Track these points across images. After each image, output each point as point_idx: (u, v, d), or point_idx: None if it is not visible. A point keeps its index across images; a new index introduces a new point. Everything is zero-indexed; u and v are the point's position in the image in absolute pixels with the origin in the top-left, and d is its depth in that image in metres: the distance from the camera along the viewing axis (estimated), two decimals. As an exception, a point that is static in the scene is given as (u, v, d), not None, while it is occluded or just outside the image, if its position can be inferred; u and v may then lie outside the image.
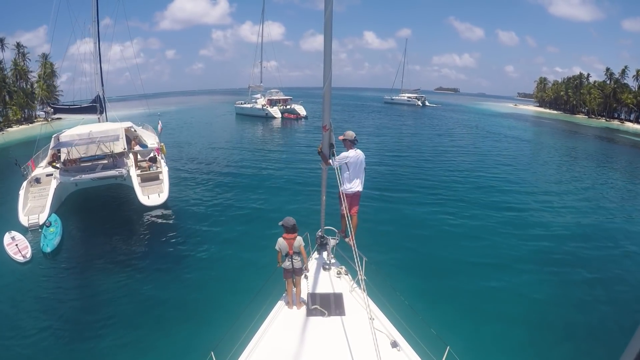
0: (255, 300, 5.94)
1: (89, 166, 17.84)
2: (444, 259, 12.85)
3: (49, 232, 13.99)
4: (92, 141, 17.78)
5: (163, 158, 19.70)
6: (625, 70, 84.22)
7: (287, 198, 19.28)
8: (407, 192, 20.93)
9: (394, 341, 4.93)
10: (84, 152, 19.08)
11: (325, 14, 4.27)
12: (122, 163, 17.76)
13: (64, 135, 18.67)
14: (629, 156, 41.88)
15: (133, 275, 11.86)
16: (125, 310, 9.97)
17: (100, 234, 14.83)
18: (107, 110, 24.26)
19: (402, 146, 37.35)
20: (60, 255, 13.28)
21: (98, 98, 23.54)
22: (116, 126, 20.21)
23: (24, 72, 60.83)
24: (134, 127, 22.56)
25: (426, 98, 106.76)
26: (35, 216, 15.39)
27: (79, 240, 14.81)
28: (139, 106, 27.78)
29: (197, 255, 13.14)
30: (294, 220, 5.86)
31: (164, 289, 11.00)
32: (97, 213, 17.36)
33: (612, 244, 14.85)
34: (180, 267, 12.28)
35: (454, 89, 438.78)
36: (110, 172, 17.09)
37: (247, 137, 44.12)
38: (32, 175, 17.60)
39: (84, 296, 10.79)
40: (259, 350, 4.89)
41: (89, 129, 19.02)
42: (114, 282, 11.36)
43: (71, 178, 16.84)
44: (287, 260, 5.74)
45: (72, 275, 12.02)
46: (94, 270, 12.17)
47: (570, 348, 8.91)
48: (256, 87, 66.13)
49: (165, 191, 16.87)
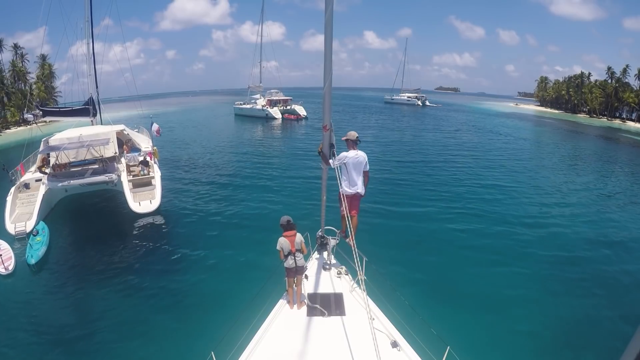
0: (255, 300, 5.95)
1: (78, 171, 17.07)
2: (444, 259, 12.84)
3: (35, 241, 13.23)
4: (82, 145, 17.04)
5: (156, 162, 19.04)
6: (627, 69, 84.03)
7: (287, 198, 19.30)
8: (407, 191, 20.95)
9: (394, 341, 4.93)
10: (73, 157, 18.23)
11: (326, 14, 4.26)
12: (112, 168, 17.06)
13: (53, 139, 17.97)
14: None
15: (125, 283, 11.46)
16: (119, 321, 9.57)
17: (90, 243, 14.13)
18: (103, 112, 23.28)
19: (402, 146, 37.34)
20: (46, 267, 12.53)
21: (91, 100, 22.65)
22: (107, 129, 19.51)
23: (22, 74, 60.71)
24: (127, 129, 21.77)
25: (427, 98, 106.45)
26: (22, 224, 14.68)
27: (66, 250, 14.01)
28: (134, 108, 27.10)
29: (195, 258, 13.05)
30: (288, 216, 5.93)
31: (162, 292, 10.94)
32: (88, 220, 16.60)
33: (613, 244, 14.83)
34: (179, 270, 12.17)
35: (454, 89, 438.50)
36: (99, 177, 16.36)
37: (246, 138, 43.69)
38: (21, 181, 16.98)
39: (71, 311, 10.15)
40: (259, 350, 4.89)
41: (79, 133, 18.29)
42: (104, 293, 10.89)
43: (59, 184, 16.13)
44: (290, 259, 5.74)
45: (57, 289, 11.23)
46: (82, 282, 11.53)
47: (570, 348, 8.90)
48: (256, 87, 65.90)
49: (158, 197, 16.18)
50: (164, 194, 16.99)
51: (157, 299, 10.63)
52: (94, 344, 8.78)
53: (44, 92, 62.38)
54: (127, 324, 9.45)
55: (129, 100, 28.54)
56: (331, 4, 4.23)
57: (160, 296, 10.73)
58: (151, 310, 10.00)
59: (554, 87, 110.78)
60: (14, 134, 48.00)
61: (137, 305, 10.32)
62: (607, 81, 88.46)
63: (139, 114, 28.56)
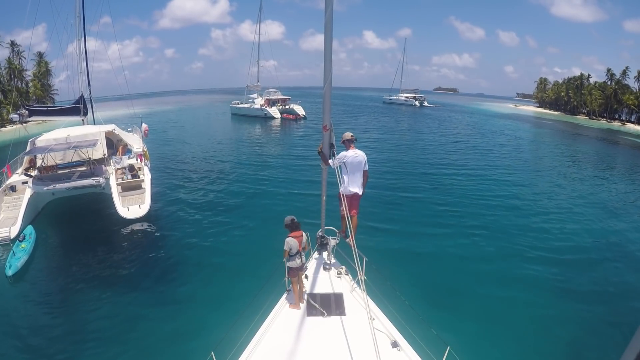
0: (255, 300, 5.95)
1: (65, 174, 16.20)
2: (444, 260, 12.85)
3: (20, 248, 12.41)
4: (69, 146, 16.18)
5: (147, 164, 18.24)
6: (627, 70, 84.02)
7: (287, 199, 19.28)
8: (407, 192, 20.96)
9: (394, 341, 4.94)
10: (60, 159, 17.44)
11: (326, 14, 4.28)
12: (100, 171, 16.13)
13: (40, 139, 17.27)
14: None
15: (119, 289, 10.98)
16: (113, 328, 9.24)
17: (78, 249, 13.39)
18: (99, 111, 22.59)
19: (401, 146, 37.42)
20: (26, 278, 11.60)
21: (82, 99, 21.91)
22: (95, 130, 18.62)
23: (19, 71, 60.38)
24: (117, 129, 20.69)
25: (425, 98, 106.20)
26: (7, 229, 13.80)
27: (50, 259, 13.11)
28: (129, 107, 26.44)
29: (195, 258, 12.93)
30: (292, 216, 5.97)
31: (160, 294, 10.83)
32: (77, 224, 15.85)
33: (613, 245, 14.88)
34: (176, 273, 11.96)
35: (453, 89, 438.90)
36: (86, 181, 15.47)
37: (244, 138, 42.93)
38: (7, 183, 16.26)
39: (57, 322, 9.49)
40: (259, 350, 4.90)
41: (67, 133, 17.51)
42: (94, 300, 10.37)
43: (44, 187, 15.22)
44: (297, 259, 5.77)
45: (40, 300, 10.44)
46: (68, 291, 10.86)
47: (570, 348, 8.93)
48: (254, 86, 65.49)
49: (147, 202, 15.23)
50: (155, 197, 16.18)
51: (155, 301, 10.45)
52: (87, 355, 8.38)
53: (40, 90, 62.05)
54: (123, 329, 9.21)
55: (128, 98, 27.95)
56: (331, 4, 4.25)
57: (157, 299, 10.58)
58: (148, 314, 9.85)
59: (554, 89, 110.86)
60: (10, 132, 47.55)
61: (133, 310, 9.99)
62: (607, 83, 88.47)
63: (133, 113, 27.87)
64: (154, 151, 24.66)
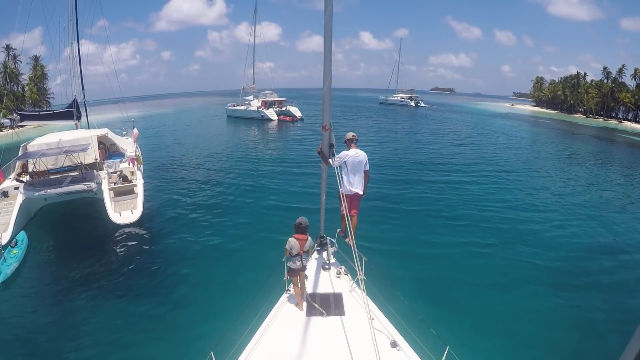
0: (255, 300, 5.94)
1: (56, 179, 16.12)
2: (444, 260, 12.84)
3: (11, 254, 12.21)
4: (61, 151, 15.99)
5: (140, 169, 18.10)
6: (623, 69, 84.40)
7: (287, 199, 19.23)
8: (407, 192, 20.99)
9: (393, 341, 4.94)
10: (52, 164, 17.20)
11: (325, 15, 4.27)
12: (92, 176, 16.05)
13: (32, 144, 17.14)
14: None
15: (115, 292, 10.85)
16: (109, 332, 9.06)
17: (70, 256, 13.09)
18: (93, 115, 22.35)
19: (400, 146, 37.45)
20: (16, 284, 11.35)
21: (75, 102, 21.73)
22: (87, 134, 18.51)
23: (15, 75, 60.07)
24: (110, 133, 20.59)
25: (421, 98, 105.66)
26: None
27: (42, 265, 12.86)
28: (125, 110, 25.97)
29: (190, 262, 12.75)
30: (306, 219, 5.94)
31: (158, 296, 10.78)
32: (68, 230, 15.54)
33: (613, 244, 14.95)
34: (174, 274, 11.88)
35: (449, 89, 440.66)
36: (78, 186, 15.37)
37: (241, 141, 41.99)
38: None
39: (49, 330, 9.19)
40: (258, 350, 4.89)
41: (59, 138, 17.37)
42: (88, 305, 10.21)
43: (36, 193, 15.09)
44: (296, 260, 5.77)
45: (29, 311, 10.07)
46: (60, 300, 10.55)
47: (570, 347, 8.93)
48: (249, 88, 65.14)
49: (139, 207, 15.07)
50: (148, 201, 15.92)
51: (152, 304, 10.32)
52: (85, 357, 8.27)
53: (36, 93, 61.79)
54: (118, 334, 9.03)
55: (123, 101, 27.65)
56: (331, 4, 4.24)
57: (155, 301, 10.45)
58: (145, 318, 9.73)
59: (550, 88, 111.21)
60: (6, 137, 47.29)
61: (128, 315, 9.81)
62: (603, 81, 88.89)
63: (127, 117, 27.58)
64: (147, 155, 24.38)
